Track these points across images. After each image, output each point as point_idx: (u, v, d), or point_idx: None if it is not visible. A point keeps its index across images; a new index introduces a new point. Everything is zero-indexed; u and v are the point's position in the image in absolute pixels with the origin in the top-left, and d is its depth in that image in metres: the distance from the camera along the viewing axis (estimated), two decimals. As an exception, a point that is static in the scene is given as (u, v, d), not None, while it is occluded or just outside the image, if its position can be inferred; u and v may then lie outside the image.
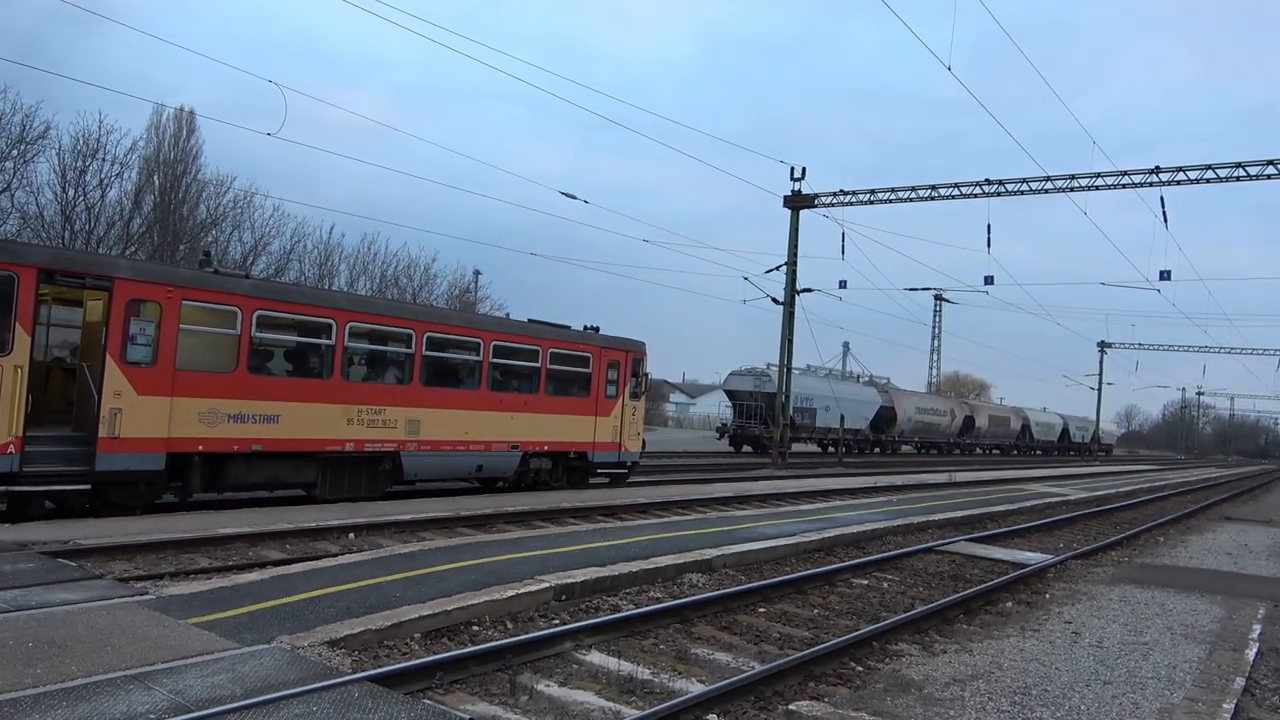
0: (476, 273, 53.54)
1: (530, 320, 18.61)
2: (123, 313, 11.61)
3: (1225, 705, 6.64)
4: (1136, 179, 30.73)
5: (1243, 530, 21.17)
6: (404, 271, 47.02)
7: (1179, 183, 30.31)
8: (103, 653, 5.78)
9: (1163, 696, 6.78)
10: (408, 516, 12.71)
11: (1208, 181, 29.95)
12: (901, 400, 57.54)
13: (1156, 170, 30.36)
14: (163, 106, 36.89)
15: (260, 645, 6.17)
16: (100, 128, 32.11)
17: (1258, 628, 9.54)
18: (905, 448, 59.89)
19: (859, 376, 60.91)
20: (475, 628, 7.52)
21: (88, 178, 32.44)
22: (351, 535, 11.64)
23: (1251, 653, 8.41)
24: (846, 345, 73.28)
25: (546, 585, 8.50)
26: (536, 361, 17.64)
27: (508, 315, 20.90)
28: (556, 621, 7.90)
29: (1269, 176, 29.01)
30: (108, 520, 11.13)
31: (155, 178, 36.18)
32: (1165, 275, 34.64)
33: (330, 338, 14.02)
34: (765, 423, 42.62)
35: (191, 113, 37.34)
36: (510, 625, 7.73)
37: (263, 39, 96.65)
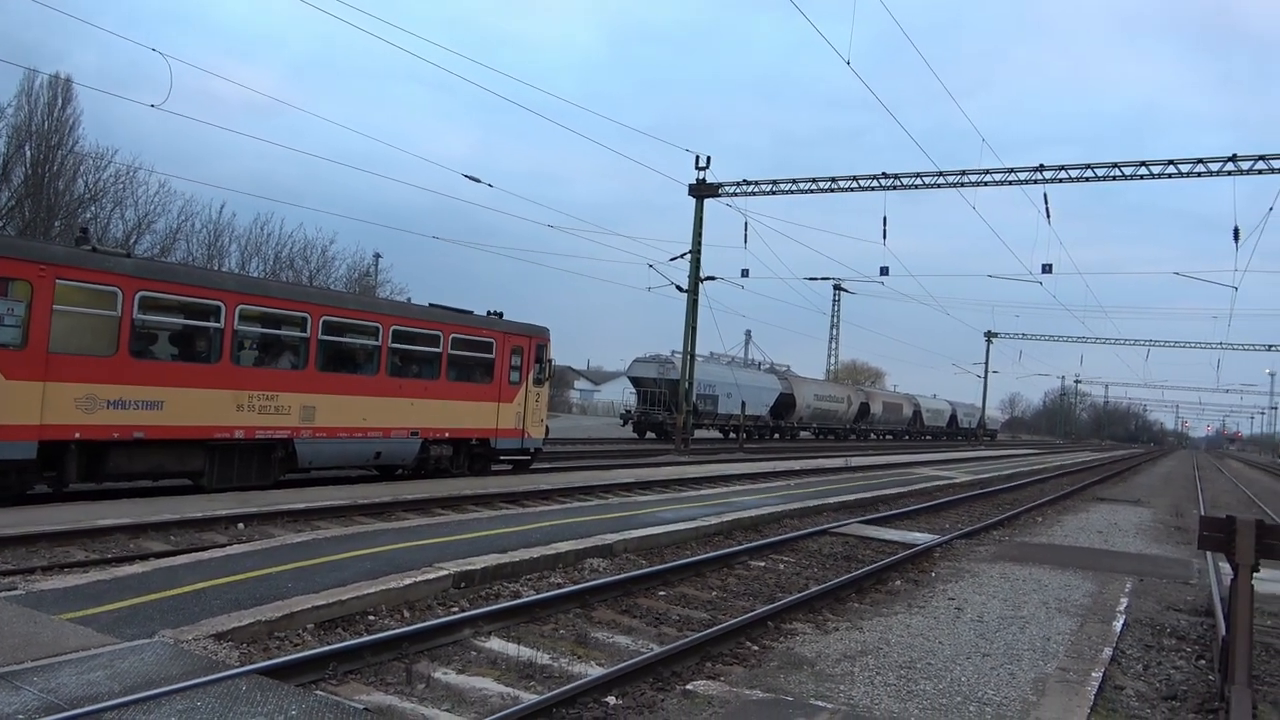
0: (377, 256, 52.32)
1: (431, 305, 18.28)
2: (-12, 292, 10.89)
3: (1094, 674, 7.07)
4: (1022, 176, 32.19)
5: (1114, 510, 22.51)
6: (300, 253, 45.64)
7: (1061, 180, 31.89)
8: (-35, 652, 5.44)
9: (1037, 667, 7.17)
10: (302, 505, 12.35)
11: (1087, 180, 31.60)
12: (800, 387, 58.89)
13: (1041, 168, 31.84)
14: (35, 73, 34.64)
15: (141, 640, 5.91)
16: (-38, 93, 29.98)
17: (1125, 600, 10.17)
18: (804, 433, 61.38)
19: (760, 364, 62.01)
20: (371, 617, 7.37)
21: (-53, 146, 30.28)
22: (241, 525, 11.25)
23: (1119, 624, 8.96)
24: (749, 333, 74.53)
25: (445, 573, 8.40)
26: (437, 347, 17.36)
27: (409, 300, 20.48)
28: (455, 609, 7.82)
29: (1141, 177, 30.82)
30: (-28, 512, 10.45)
31: (26, 149, 34.02)
32: (1047, 269, 36.56)
33: (219, 320, 13.47)
34: (669, 409, 43.01)
35: (68, 80, 35.24)
36: (408, 614, 7.61)
37: (146, 5, 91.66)
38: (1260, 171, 29.21)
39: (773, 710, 5.59)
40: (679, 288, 36.78)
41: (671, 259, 36.86)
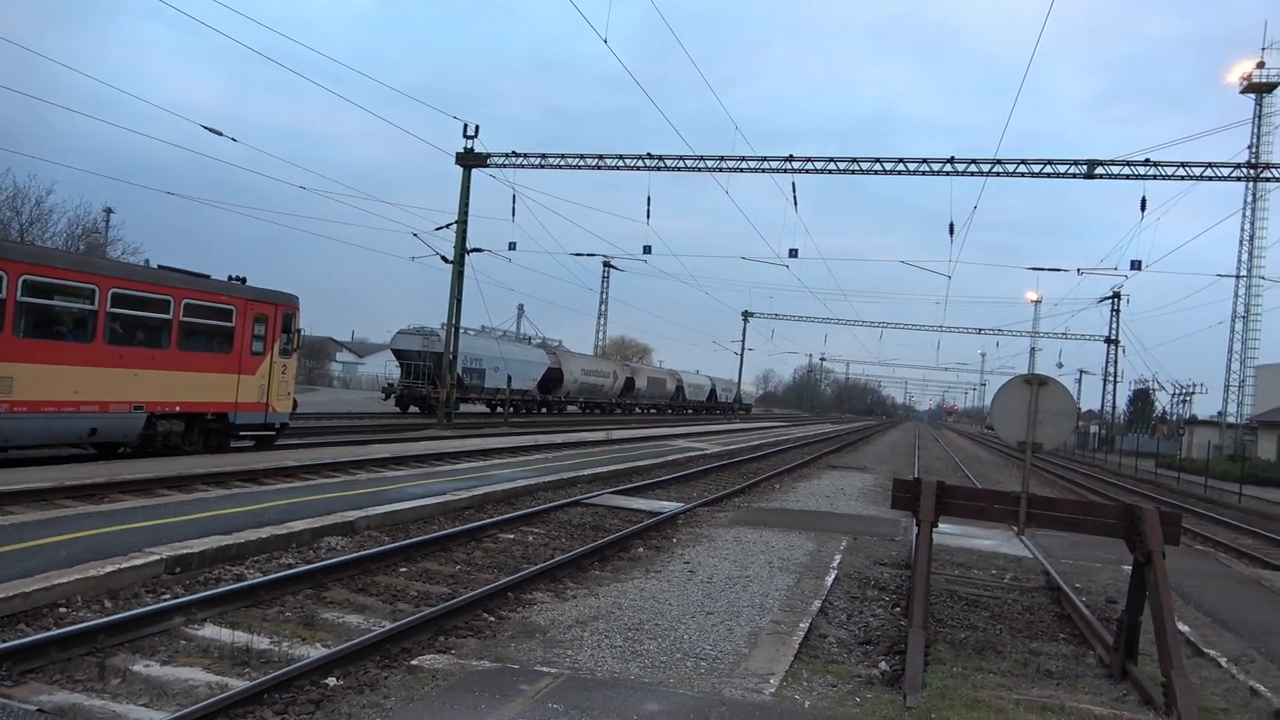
0: (108, 211, 46.86)
1: (161, 267, 16.73)
2: None
3: (801, 624, 7.72)
4: (774, 165, 34.22)
5: (842, 476, 24.65)
6: (7, 203, 40.05)
7: (808, 171, 34.24)
8: None
9: (754, 621, 7.72)
10: (-8, 489, 10.93)
11: (830, 172, 34.14)
12: (568, 362, 59.58)
13: (790, 158, 34.01)
14: None
15: None
16: None
17: (838, 557, 11.16)
18: (571, 408, 62.19)
19: (531, 339, 62.05)
20: (64, 610, 6.68)
21: None
22: (-89, 513, 9.78)
23: (830, 579, 9.83)
24: (521, 308, 74.25)
25: (157, 557, 7.76)
26: (167, 313, 15.91)
27: (147, 261, 18.63)
28: (166, 596, 7.25)
29: (876, 172, 33.73)
30: None
31: None
32: (794, 253, 39.48)
33: (-115, 277, 11.59)
34: (433, 383, 42.05)
35: None
36: (109, 604, 6.96)
37: None
38: (972, 173, 32.85)
39: (496, 679, 5.64)
40: (444, 258, 36.01)
41: (437, 229, 35.99)
